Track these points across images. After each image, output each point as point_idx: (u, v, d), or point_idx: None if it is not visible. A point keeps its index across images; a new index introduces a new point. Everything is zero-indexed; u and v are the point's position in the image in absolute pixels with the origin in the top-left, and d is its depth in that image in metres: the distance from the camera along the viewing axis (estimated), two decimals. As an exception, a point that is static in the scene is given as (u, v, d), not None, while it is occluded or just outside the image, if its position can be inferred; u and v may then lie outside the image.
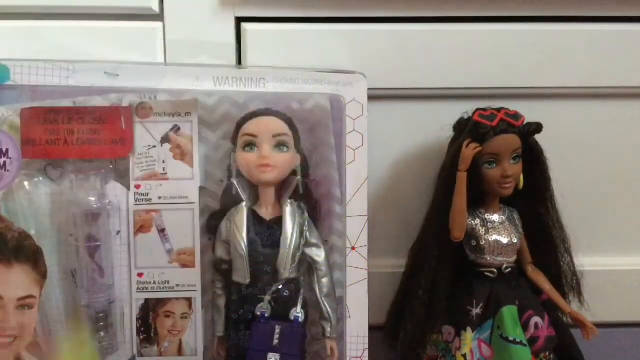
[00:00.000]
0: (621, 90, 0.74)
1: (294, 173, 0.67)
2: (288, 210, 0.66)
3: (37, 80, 0.61)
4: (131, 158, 0.66)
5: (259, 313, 0.65)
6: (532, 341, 0.66)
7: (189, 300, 0.67)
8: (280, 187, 0.67)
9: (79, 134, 0.65)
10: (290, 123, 0.66)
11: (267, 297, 0.65)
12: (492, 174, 0.65)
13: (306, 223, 0.66)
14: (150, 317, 0.67)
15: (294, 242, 0.65)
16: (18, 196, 0.63)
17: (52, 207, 0.64)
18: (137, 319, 0.66)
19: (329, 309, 0.67)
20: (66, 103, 0.65)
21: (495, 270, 0.67)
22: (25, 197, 0.63)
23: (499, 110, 0.65)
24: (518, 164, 0.65)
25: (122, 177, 0.66)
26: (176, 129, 0.67)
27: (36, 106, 0.64)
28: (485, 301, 0.67)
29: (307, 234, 0.66)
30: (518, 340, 0.65)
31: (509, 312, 0.66)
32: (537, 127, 0.65)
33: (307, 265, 0.67)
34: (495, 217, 0.67)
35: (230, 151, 0.68)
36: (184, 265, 0.67)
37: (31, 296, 0.60)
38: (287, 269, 0.65)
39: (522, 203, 0.69)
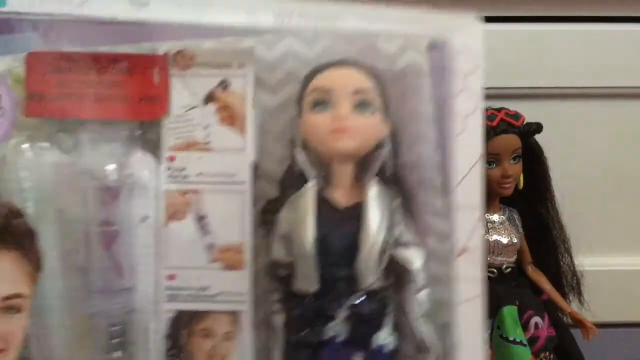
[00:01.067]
0: (621, 90, 0.74)
1: (379, 146, 0.49)
2: (373, 193, 0.48)
3: (40, 7, 0.46)
4: (164, 122, 0.50)
5: (330, 336, 0.46)
6: (532, 341, 0.64)
7: (234, 314, 0.50)
8: (361, 164, 0.49)
9: (98, 87, 0.50)
10: (376, 77, 0.49)
11: (342, 314, 0.46)
12: (492, 174, 0.64)
13: (398, 213, 0.48)
14: (182, 335, 0.50)
15: (381, 238, 0.47)
16: (14, 163, 0.47)
17: (57, 180, 0.49)
18: (165, 338, 0.49)
19: (427, 335, 0.48)
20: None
21: (495, 270, 0.65)
22: (23, 165, 0.48)
23: (499, 110, 0.65)
24: (518, 163, 0.65)
25: (151, 146, 0.50)
26: (225, 85, 0.51)
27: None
28: (486, 301, 0.58)
29: (399, 228, 0.48)
30: (518, 340, 0.63)
31: (509, 312, 0.64)
32: (537, 127, 0.65)
33: (396, 274, 0.49)
34: (495, 217, 0.66)
35: (294, 119, 0.52)
36: (229, 267, 0.50)
37: (19, 295, 0.44)
38: (370, 275, 0.46)
39: (522, 203, 0.68)
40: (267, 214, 0.51)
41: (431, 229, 0.52)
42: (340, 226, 0.47)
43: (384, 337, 0.47)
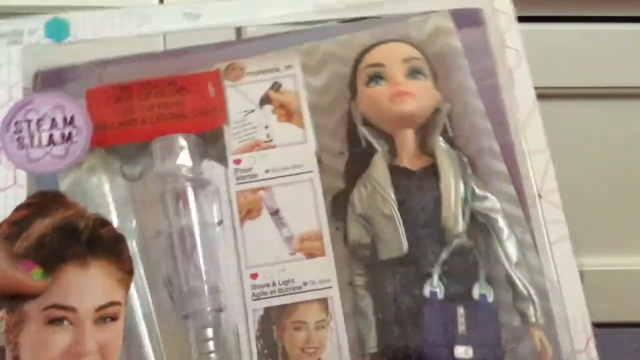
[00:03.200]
0: (621, 90, 0.74)
1: (436, 111, 0.51)
2: (443, 149, 0.48)
3: (102, 32, 0.49)
4: (225, 129, 0.52)
5: (427, 293, 0.45)
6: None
7: (324, 301, 0.48)
8: (423, 130, 0.50)
9: (159, 109, 0.52)
10: (419, 48, 0.51)
11: (436, 270, 0.45)
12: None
13: (468, 168, 0.49)
14: (274, 332, 0.48)
15: (460, 188, 0.47)
16: (100, 175, 0.49)
17: (133, 200, 0.50)
18: (257, 338, 0.48)
19: (526, 284, 0.46)
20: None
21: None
22: (107, 179, 0.49)
23: None
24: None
25: (217, 155, 0.52)
26: (277, 86, 0.53)
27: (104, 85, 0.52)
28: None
29: (473, 182, 0.48)
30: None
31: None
32: None
33: (480, 228, 0.48)
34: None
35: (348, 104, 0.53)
36: (310, 255, 0.49)
37: (115, 302, 0.43)
38: (456, 226, 0.46)
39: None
40: (338, 206, 0.51)
41: (498, 193, 0.52)
42: (419, 188, 0.48)
43: (483, 288, 0.45)
